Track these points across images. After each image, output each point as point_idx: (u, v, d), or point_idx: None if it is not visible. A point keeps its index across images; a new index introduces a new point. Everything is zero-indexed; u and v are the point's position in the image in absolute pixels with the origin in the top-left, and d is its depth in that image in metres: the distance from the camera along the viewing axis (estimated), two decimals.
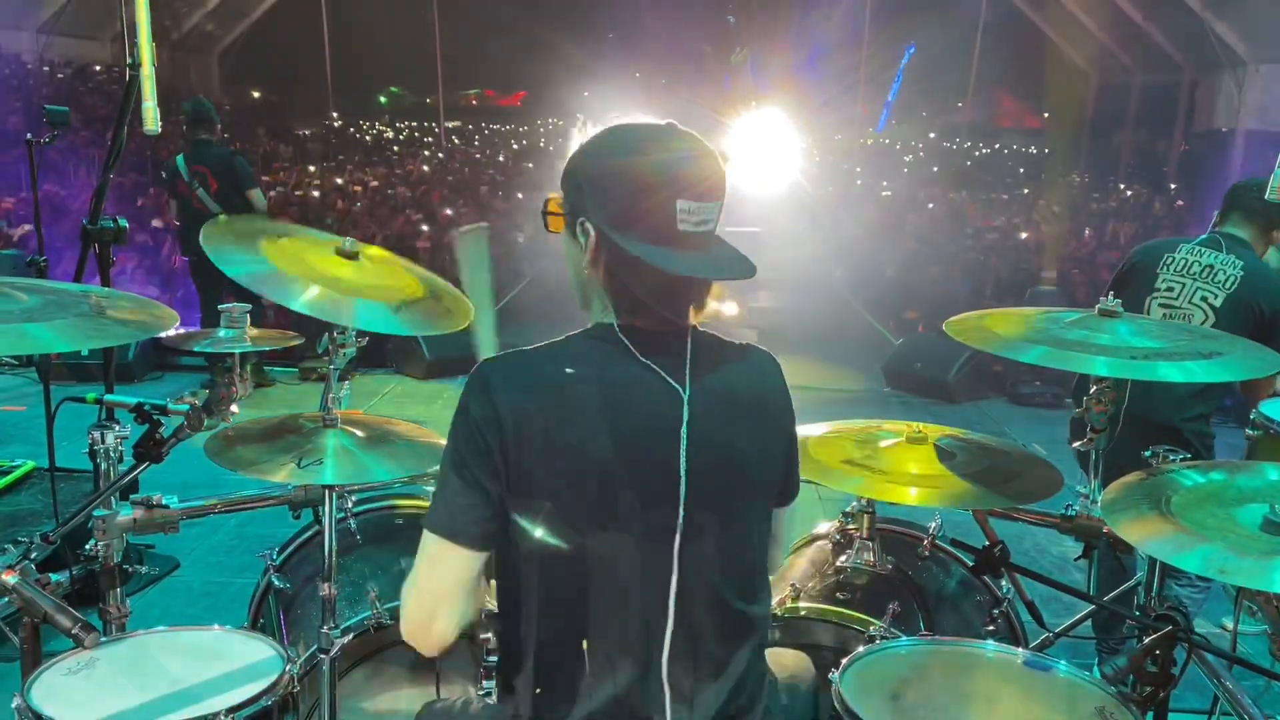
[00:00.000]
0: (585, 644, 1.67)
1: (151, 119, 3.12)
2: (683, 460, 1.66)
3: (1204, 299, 3.62)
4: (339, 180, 16.24)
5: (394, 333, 2.42)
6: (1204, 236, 3.79)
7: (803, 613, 2.70)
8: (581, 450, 1.62)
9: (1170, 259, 3.74)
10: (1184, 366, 2.15)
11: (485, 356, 1.72)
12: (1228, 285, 3.60)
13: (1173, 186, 19.62)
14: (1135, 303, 3.66)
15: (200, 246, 2.31)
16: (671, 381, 1.69)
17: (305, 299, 2.24)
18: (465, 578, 1.67)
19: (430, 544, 1.67)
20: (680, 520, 1.66)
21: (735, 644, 1.75)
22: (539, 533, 1.65)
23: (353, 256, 2.47)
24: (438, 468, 1.71)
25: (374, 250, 2.58)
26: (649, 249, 1.64)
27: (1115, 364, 2.17)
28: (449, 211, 13.54)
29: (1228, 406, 6.50)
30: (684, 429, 1.66)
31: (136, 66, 3.09)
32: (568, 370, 1.67)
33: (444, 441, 1.69)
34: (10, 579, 2.00)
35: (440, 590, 1.66)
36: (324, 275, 2.37)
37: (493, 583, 2.09)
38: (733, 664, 1.75)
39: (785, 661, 2.16)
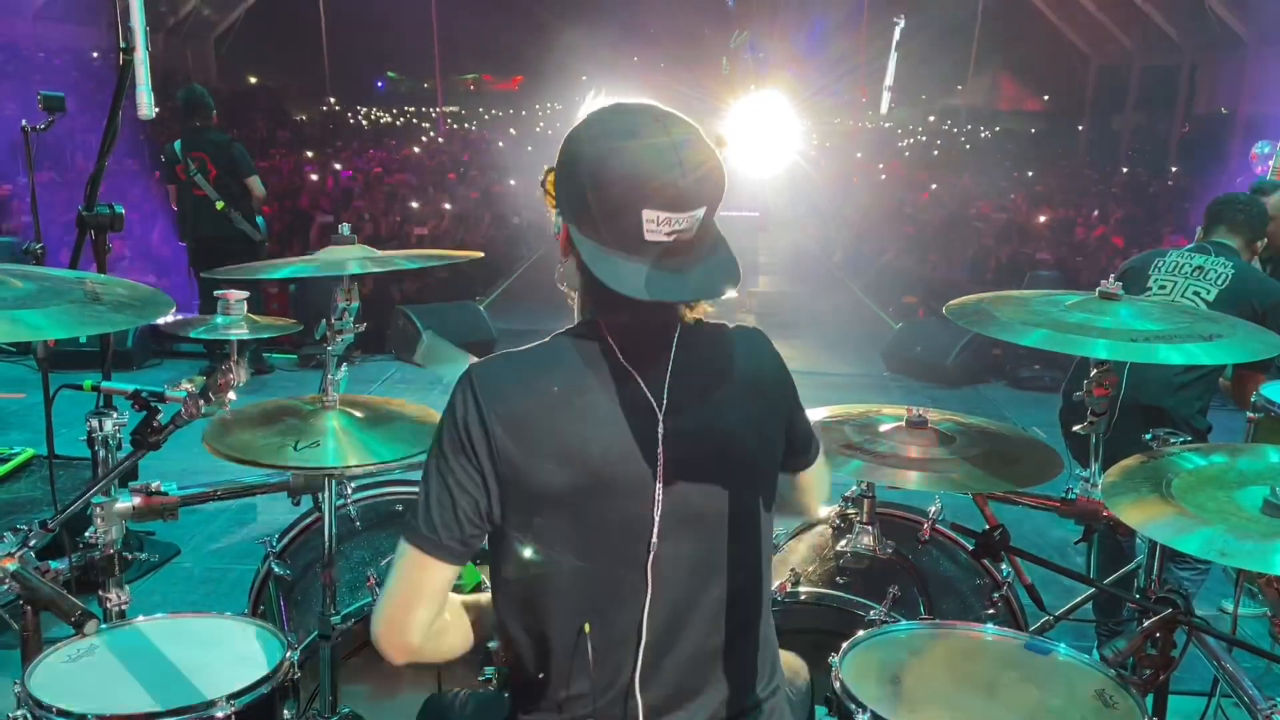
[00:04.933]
0: (579, 638, 1.64)
1: (147, 104, 3.10)
2: (658, 468, 1.62)
3: (1196, 294, 3.69)
4: (336, 166, 16.18)
5: None
6: (1192, 245, 3.89)
7: (802, 597, 2.71)
8: (564, 455, 1.59)
9: (1160, 263, 3.84)
10: (1184, 349, 2.14)
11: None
12: (1219, 282, 3.69)
13: (1173, 169, 19.58)
14: None
15: (200, 232, 2.31)
16: (648, 392, 1.64)
17: None
18: (436, 591, 1.65)
19: (406, 554, 1.63)
20: (656, 524, 1.62)
21: (733, 642, 1.72)
22: (528, 532, 1.62)
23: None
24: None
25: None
26: (604, 258, 1.55)
27: (1116, 346, 2.16)
28: (448, 206, 13.49)
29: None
30: (659, 441, 1.62)
31: (130, 51, 3.06)
32: (551, 374, 1.63)
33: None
34: (10, 566, 1.99)
35: (413, 599, 1.63)
36: None
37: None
38: (730, 662, 1.73)
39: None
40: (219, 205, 7.13)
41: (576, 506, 1.61)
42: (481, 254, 2.85)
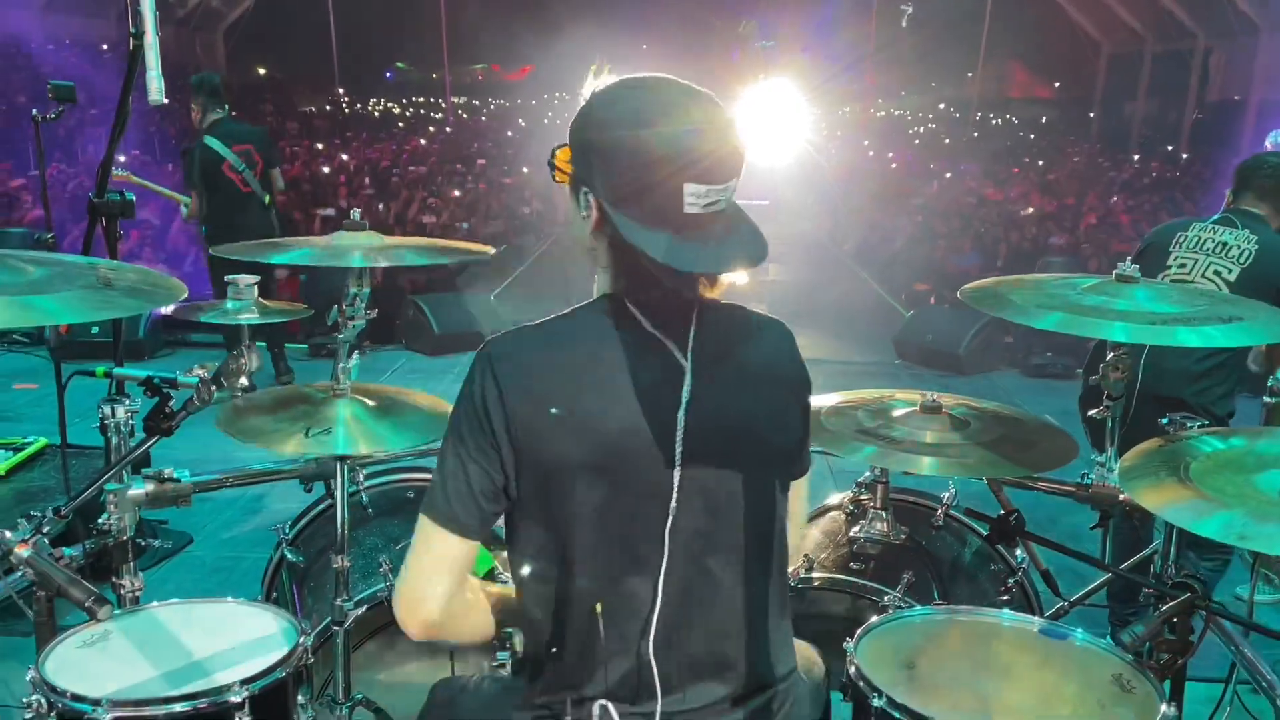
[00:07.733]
0: (597, 614, 1.65)
1: (157, 89, 3.08)
2: (679, 436, 1.62)
3: (1217, 273, 3.56)
4: (345, 157, 16.19)
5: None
6: (1217, 215, 3.73)
7: (816, 583, 2.70)
8: (583, 426, 1.60)
9: (1183, 236, 3.69)
10: (1202, 331, 2.12)
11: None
12: (1242, 260, 3.54)
13: (1184, 156, 19.46)
14: None
15: (242, 238, 2.35)
16: (676, 355, 1.65)
17: None
18: (456, 564, 1.66)
19: (424, 527, 1.65)
20: (674, 496, 1.63)
21: (746, 616, 1.73)
22: (546, 506, 1.63)
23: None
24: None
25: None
26: (646, 235, 1.56)
27: (1133, 329, 2.14)
28: (457, 193, 13.47)
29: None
30: (683, 408, 1.63)
31: (140, 36, 3.04)
32: (568, 346, 1.64)
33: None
34: (24, 553, 1.99)
35: (432, 572, 1.65)
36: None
37: (504, 553, 2.08)
38: (745, 641, 1.72)
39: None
40: (266, 200, 6.68)
41: (595, 478, 1.61)
42: (492, 249, 2.85)
